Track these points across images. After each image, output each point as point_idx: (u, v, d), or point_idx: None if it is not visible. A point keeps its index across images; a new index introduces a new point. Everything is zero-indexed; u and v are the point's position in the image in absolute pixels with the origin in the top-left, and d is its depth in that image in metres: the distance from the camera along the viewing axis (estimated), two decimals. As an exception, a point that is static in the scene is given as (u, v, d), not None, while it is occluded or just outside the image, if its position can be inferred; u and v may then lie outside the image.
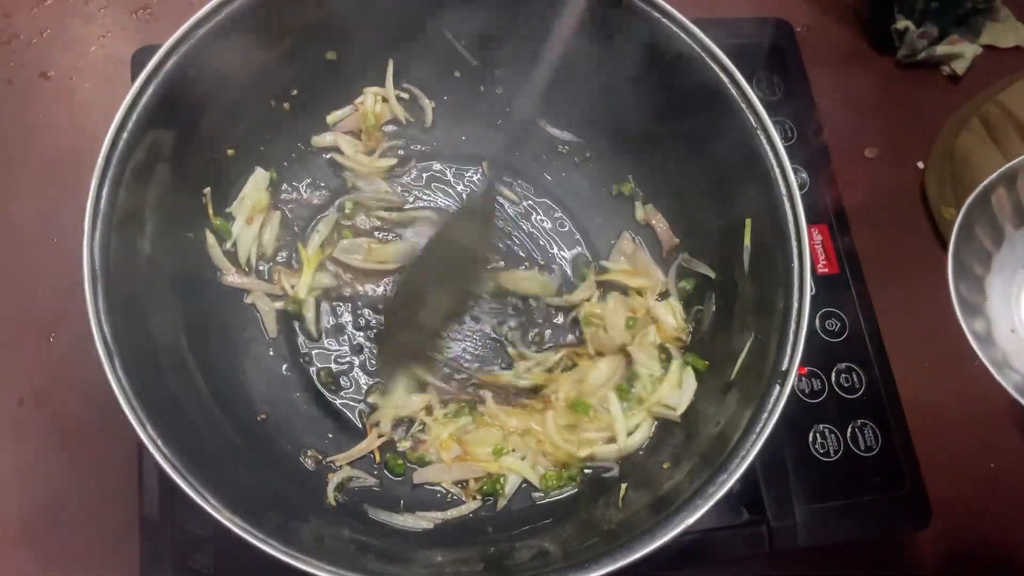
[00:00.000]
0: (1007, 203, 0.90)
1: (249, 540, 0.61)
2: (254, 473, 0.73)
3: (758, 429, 0.68)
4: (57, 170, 0.93)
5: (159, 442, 0.62)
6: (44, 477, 0.82)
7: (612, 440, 0.82)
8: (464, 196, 0.92)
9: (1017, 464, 0.95)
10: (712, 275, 0.86)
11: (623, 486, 0.77)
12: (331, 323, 0.86)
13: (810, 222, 0.74)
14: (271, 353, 0.84)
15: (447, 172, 0.94)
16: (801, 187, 0.89)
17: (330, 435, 0.82)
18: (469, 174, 0.94)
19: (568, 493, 0.81)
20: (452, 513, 0.79)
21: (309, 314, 0.85)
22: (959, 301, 0.82)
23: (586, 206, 0.94)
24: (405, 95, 0.93)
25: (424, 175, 0.94)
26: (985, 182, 0.85)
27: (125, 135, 0.69)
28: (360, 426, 0.83)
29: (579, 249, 0.93)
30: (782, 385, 0.69)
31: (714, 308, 0.85)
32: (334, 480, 0.78)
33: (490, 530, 0.79)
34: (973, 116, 1.04)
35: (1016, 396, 0.80)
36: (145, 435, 0.62)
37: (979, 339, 0.82)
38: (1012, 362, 0.86)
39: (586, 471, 0.82)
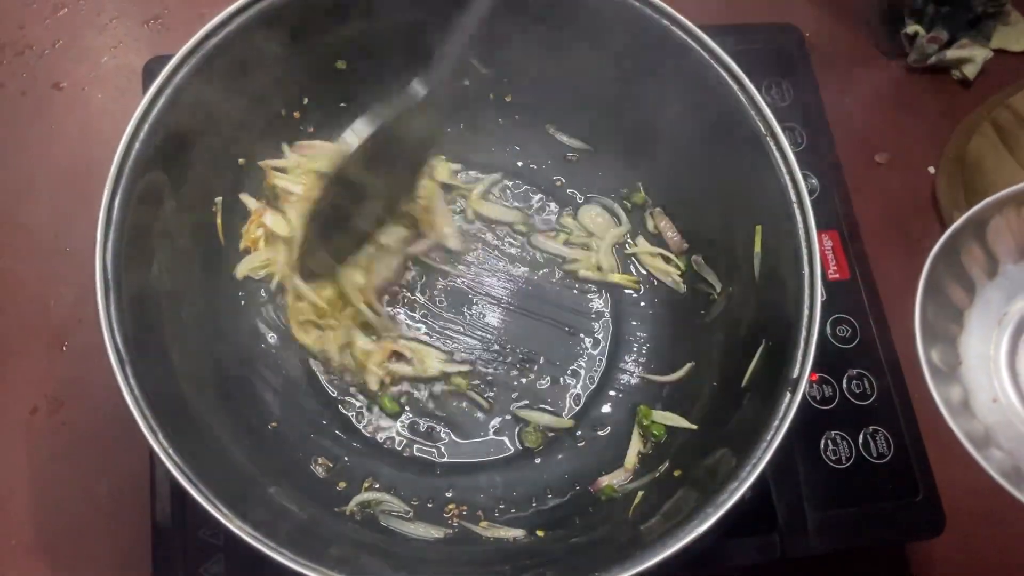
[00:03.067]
0: (977, 251, 0.78)
1: (260, 548, 0.61)
2: (265, 481, 0.73)
3: (769, 436, 0.67)
4: (70, 180, 0.94)
5: (171, 450, 0.62)
6: (56, 485, 0.83)
7: None
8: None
9: (1032, 470, 0.94)
10: (718, 285, 0.86)
11: (639, 494, 0.77)
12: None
13: (820, 228, 0.74)
14: (283, 362, 0.85)
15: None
16: (811, 193, 0.89)
17: (341, 445, 0.82)
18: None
19: (580, 501, 0.81)
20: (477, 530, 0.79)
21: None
22: (930, 368, 0.70)
23: (595, 213, 0.94)
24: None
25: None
26: (949, 231, 0.74)
27: (137, 145, 0.69)
28: (369, 435, 0.83)
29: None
30: (793, 392, 0.68)
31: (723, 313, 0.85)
32: (357, 498, 0.78)
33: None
34: (984, 120, 1.04)
35: (1000, 481, 0.68)
36: (157, 443, 0.62)
37: (954, 411, 0.70)
38: (996, 437, 0.73)
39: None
